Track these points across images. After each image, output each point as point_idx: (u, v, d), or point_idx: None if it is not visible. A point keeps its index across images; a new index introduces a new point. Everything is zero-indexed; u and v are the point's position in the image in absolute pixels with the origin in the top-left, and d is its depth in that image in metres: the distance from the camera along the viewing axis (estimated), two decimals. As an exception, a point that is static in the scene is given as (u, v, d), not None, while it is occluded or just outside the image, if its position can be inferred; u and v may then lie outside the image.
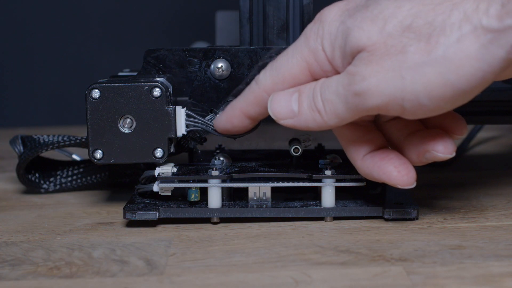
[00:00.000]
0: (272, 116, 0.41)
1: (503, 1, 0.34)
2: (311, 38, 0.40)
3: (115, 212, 0.48)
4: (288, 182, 0.45)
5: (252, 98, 0.42)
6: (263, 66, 0.43)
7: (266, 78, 0.41)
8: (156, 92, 0.43)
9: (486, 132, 0.73)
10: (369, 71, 0.37)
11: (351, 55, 0.38)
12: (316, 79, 0.40)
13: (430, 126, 0.41)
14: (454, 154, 0.40)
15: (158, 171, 0.45)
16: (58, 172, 0.54)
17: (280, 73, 0.41)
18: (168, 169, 0.45)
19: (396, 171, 0.40)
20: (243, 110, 0.42)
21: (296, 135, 0.49)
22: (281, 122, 0.41)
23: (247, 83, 0.44)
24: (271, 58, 0.44)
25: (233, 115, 0.43)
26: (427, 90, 0.36)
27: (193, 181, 0.44)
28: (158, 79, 0.44)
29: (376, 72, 0.36)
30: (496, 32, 0.34)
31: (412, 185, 0.40)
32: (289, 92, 0.40)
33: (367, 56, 0.37)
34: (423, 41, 0.36)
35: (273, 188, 0.45)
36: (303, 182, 0.45)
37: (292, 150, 0.46)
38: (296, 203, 0.45)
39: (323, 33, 0.39)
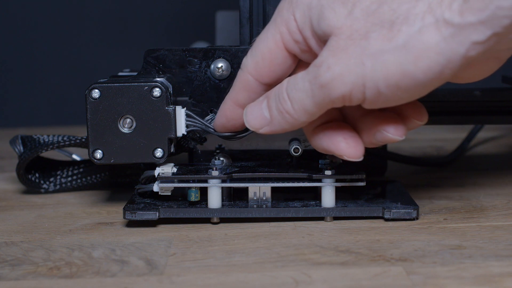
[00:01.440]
0: (250, 128, 0.41)
1: None
2: (284, 9, 0.40)
3: (115, 212, 0.48)
4: (288, 182, 0.45)
5: (239, 84, 0.42)
6: None
7: (247, 60, 0.42)
8: (156, 92, 0.43)
9: (486, 132, 0.73)
10: (334, 60, 0.37)
11: (322, 38, 0.38)
12: (290, 53, 0.40)
13: (388, 110, 0.41)
14: (403, 138, 0.40)
15: (158, 171, 0.45)
16: (58, 172, 0.54)
17: (259, 51, 0.41)
18: (168, 169, 0.45)
19: (344, 142, 0.40)
20: (232, 99, 0.43)
21: (296, 135, 0.49)
22: (259, 131, 0.41)
23: None
24: None
25: (225, 108, 0.43)
26: (386, 78, 0.36)
27: (193, 181, 0.44)
28: (158, 79, 0.44)
29: (340, 59, 0.36)
30: (457, 27, 0.34)
31: (359, 158, 0.40)
32: (259, 101, 0.41)
33: (334, 43, 0.37)
34: (386, 28, 0.36)
35: (273, 188, 0.45)
36: (303, 182, 0.45)
37: (292, 150, 0.46)
38: (296, 203, 0.45)
39: (296, 3, 0.39)
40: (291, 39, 0.40)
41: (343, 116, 0.42)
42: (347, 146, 0.40)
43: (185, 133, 0.44)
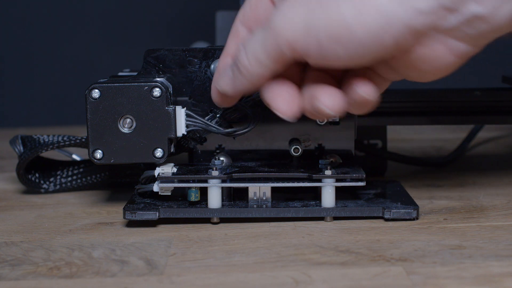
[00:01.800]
0: (221, 92, 0.41)
1: None
2: None
3: (115, 212, 0.48)
4: (288, 182, 0.45)
5: (231, 35, 0.42)
6: None
7: (239, 12, 0.42)
8: (156, 92, 0.43)
9: (486, 132, 0.73)
10: (286, 5, 0.37)
11: None
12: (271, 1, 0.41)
13: (332, 78, 0.40)
14: (336, 112, 0.38)
15: (158, 171, 0.45)
16: (58, 172, 0.54)
17: (247, 0, 0.42)
18: (168, 169, 0.45)
19: (281, 98, 0.40)
20: (225, 52, 0.42)
21: (296, 135, 0.49)
22: (228, 93, 0.41)
23: None
24: None
25: (220, 62, 0.43)
26: (327, 28, 0.36)
27: (193, 181, 0.44)
28: (158, 79, 0.44)
29: (292, 5, 0.37)
30: None
31: (290, 118, 0.39)
32: (229, 63, 0.41)
33: None
34: None
35: (273, 188, 0.45)
36: (303, 182, 0.45)
37: (292, 150, 0.46)
38: (296, 203, 0.45)
39: None
40: None
41: (299, 79, 0.41)
42: (282, 103, 0.39)
43: (185, 133, 0.44)
